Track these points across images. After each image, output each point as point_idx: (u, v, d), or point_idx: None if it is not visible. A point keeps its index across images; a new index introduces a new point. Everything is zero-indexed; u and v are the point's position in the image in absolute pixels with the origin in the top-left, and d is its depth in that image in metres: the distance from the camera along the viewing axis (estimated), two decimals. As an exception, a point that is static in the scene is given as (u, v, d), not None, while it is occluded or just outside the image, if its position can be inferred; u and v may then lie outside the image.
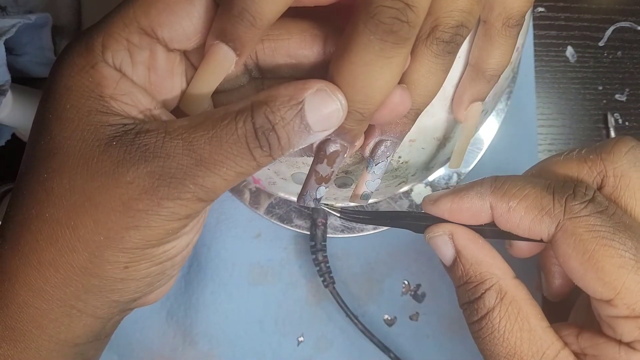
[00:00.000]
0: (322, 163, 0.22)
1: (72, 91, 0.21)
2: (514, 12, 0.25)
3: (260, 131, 0.20)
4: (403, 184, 0.35)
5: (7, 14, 0.39)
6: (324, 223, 0.41)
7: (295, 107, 0.20)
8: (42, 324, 0.22)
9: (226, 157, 0.20)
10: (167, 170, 0.20)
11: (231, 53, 0.21)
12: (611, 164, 0.24)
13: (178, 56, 0.22)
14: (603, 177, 0.24)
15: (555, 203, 0.22)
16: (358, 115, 0.21)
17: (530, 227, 0.23)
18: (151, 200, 0.20)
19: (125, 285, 0.22)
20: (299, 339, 0.45)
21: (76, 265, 0.21)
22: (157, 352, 0.44)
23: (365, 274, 0.46)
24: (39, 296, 0.21)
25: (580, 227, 0.21)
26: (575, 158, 0.25)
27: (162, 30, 0.21)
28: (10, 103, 0.35)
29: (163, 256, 0.23)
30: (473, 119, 0.29)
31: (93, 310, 0.22)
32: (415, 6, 0.19)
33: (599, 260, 0.21)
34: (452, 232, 0.24)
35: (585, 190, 0.22)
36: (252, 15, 0.19)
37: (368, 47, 0.19)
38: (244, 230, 0.45)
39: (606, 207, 0.22)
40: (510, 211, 0.23)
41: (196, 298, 0.44)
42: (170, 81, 0.23)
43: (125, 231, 0.20)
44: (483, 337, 0.23)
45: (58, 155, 0.21)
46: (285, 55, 0.23)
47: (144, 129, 0.20)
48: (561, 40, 0.50)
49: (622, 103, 0.50)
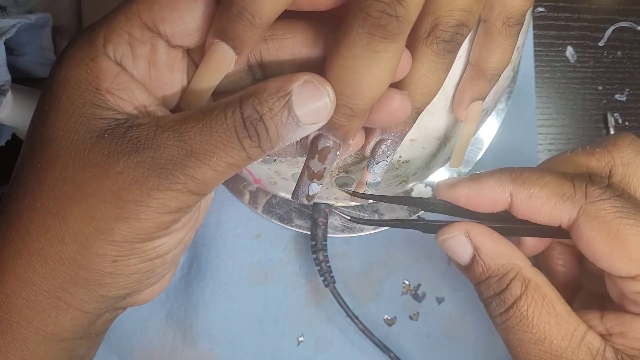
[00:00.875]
0: (314, 158, 0.22)
1: (70, 83, 0.21)
2: (515, 11, 0.25)
3: (248, 121, 0.20)
4: (404, 183, 0.35)
5: (7, 14, 0.39)
6: (324, 222, 0.41)
7: (283, 98, 0.20)
8: (29, 315, 0.22)
9: (216, 147, 0.20)
10: (158, 160, 0.20)
11: (231, 52, 0.21)
12: (618, 153, 0.25)
13: (180, 53, 0.23)
14: (612, 166, 0.25)
15: (577, 189, 0.23)
16: (347, 110, 0.21)
17: (552, 212, 0.24)
18: (141, 190, 0.20)
19: (113, 279, 0.22)
20: (299, 339, 0.45)
21: (65, 256, 0.21)
22: (157, 352, 0.44)
23: (365, 274, 0.46)
24: (27, 287, 0.21)
25: (603, 209, 0.23)
26: (582, 153, 0.26)
27: (164, 25, 0.21)
28: (10, 103, 0.35)
29: (153, 252, 0.23)
30: (473, 118, 0.29)
31: (80, 303, 0.22)
32: (405, 1, 0.19)
33: (623, 239, 0.22)
34: (468, 230, 0.25)
35: (601, 178, 0.24)
36: (252, 14, 0.20)
37: (356, 41, 0.19)
38: (244, 230, 0.45)
39: (622, 192, 0.23)
40: (531, 198, 0.24)
41: (196, 298, 0.44)
42: (170, 77, 0.23)
43: (114, 222, 0.20)
44: (512, 327, 0.24)
45: (52, 145, 0.21)
46: (289, 55, 0.23)
47: (136, 123, 0.21)
48: (561, 40, 0.50)
49: (622, 103, 0.50)
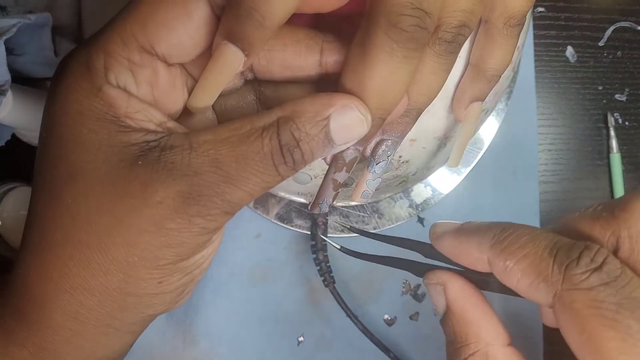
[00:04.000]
0: (341, 171, 0.23)
1: (86, 115, 0.20)
2: (515, 11, 0.25)
3: (285, 148, 0.20)
4: (404, 183, 0.35)
5: (7, 14, 0.39)
6: (324, 222, 0.41)
7: (321, 123, 0.20)
8: (78, 345, 0.22)
9: (252, 174, 0.20)
10: (196, 188, 0.20)
11: (239, 53, 0.20)
12: (625, 223, 0.20)
13: (179, 69, 0.22)
14: (618, 237, 0.20)
15: (554, 269, 0.19)
16: (379, 122, 0.21)
17: (528, 291, 0.20)
18: (182, 218, 0.20)
19: (160, 299, 0.22)
20: (299, 339, 0.45)
21: (110, 286, 0.21)
22: (157, 352, 0.44)
23: (365, 274, 0.46)
24: (75, 319, 0.21)
25: (579, 300, 0.18)
26: (589, 216, 0.21)
27: (160, 46, 0.21)
28: (10, 103, 0.35)
29: (193, 266, 0.23)
30: (473, 118, 0.29)
31: (129, 327, 0.22)
32: (432, 13, 0.19)
33: (597, 343, 0.18)
34: (445, 283, 0.23)
35: (594, 255, 0.19)
36: (262, 15, 0.19)
37: (392, 56, 0.20)
38: (244, 230, 0.45)
39: (615, 278, 0.18)
40: (507, 270, 0.20)
41: (196, 298, 0.44)
42: (173, 95, 0.22)
43: (159, 250, 0.20)
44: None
45: (81, 179, 0.20)
46: (280, 67, 0.23)
47: (168, 145, 0.20)
48: (561, 40, 0.50)
49: (622, 103, 0.50)
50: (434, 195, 0.45)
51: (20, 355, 0.22)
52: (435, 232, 0.23)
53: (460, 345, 0.21)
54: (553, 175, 0.49)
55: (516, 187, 0.47)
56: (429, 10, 0.19)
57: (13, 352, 0.22)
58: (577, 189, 0.49)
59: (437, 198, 0.45)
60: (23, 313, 0.22)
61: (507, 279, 0.20)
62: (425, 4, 0.19)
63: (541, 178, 0.49)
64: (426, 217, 0.46)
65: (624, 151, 0.50)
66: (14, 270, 0.22)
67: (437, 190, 0.45)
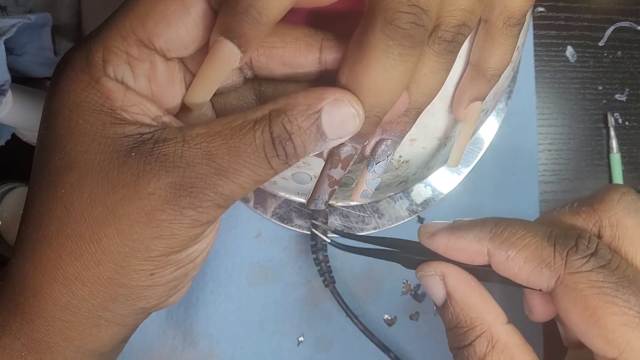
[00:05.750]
0: (336, 168, 0.22)
1: (82, 107, 0.21)
2: (515, 11, 0.25)
3: (277, 140, 0.20)
4: (403, 183, 0.35)
5: (7, 14, 0.39)
6: (324, 222, 0.41)
7: (313, 116, 0.20)
8: (69, 335, 0.22)
9: (244, 166, 0.20)
10: (188, 179, 0.20)
11: (236, 50, 0.20)
12: (605, 213, 0.23)
13: (177, 64, 0.22)
14: (599, 227, 0.23)
15: (556, 256, 0.21)
16: (375, 119, 0.21)
17: (529, 278, 0.22)
18: (174, 210, 0.20)
19: (152, 291, 0.22)
20: (299, 339, 0.45)
21: (102, 277, 0.21)
22: (157, 352, 0.44)
23: (365, 274, 0.46)
24: (66, 310, 0.21)
25: (581, 282, 0.21)
26: (568, 212, 0.24)
27: (159, 40, 0.21)
28: (10, 103, 0.35)
29: (186, 260, 0.23)
30: (473, 118, 0.29)
31: (120, 319, 0.22)
32: (429, 10, 0.19)
33: (601, 318, 0.20)
34: (444, 273, 0.24)
35: (588, 242, 0.21)
36: (258, 11, 0.19)
37: (387, 53, 0.19)
38: (244, 230, 0.45)
39: (609, 261, 0.21)
40: (508, 260, 0.22)
41: (196, 298, 0.44)
42: (171, 90, 0.23)
43: (151, 241, 0.20)
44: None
45: (75, 170, 0.21)
46: (279, 64, 0.23)
47: (162, 138, 0.20)
48: (561, 40, 0.50)
49: (622, 103, 0.50)
50: (434, 195, 0.45)
51: (13, 347, 0.22)
52: (427, 231, 0.24)
53: (467, 329, 0.23)
54: (553, 175, 0.49)
55: (516, 187, 0.47)
56: (427, 7, 0.19)
57: (6, 343, 0.22)
58: (577, 189, 0.49)
59: (437, 198, 0.45)
60: (17, 304, 0.22)
61: (508, 268, 0.22)
62: (423, 1, 0.19)
63: (541, 178, 0.49)
64: (426, 217, 0.46)
65: (624, 151, 0.50)
66: (10, 262, 0.22)
67: (437, 190, 0.45)
